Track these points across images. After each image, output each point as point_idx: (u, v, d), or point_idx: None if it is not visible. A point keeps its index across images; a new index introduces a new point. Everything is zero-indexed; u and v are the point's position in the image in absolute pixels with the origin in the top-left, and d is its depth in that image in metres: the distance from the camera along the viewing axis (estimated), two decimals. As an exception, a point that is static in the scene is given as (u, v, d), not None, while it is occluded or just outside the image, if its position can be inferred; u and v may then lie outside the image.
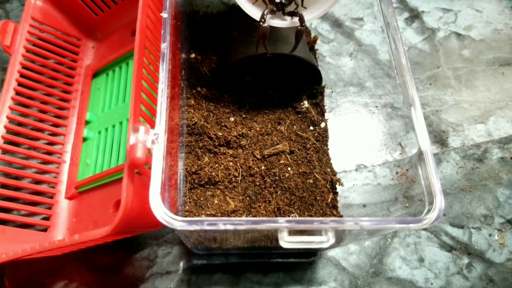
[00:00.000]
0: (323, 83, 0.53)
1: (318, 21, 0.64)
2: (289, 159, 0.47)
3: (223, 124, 0.48)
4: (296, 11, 0.42)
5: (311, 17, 0.44)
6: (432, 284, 0.48)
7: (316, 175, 0.47)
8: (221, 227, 0.29)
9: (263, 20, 0.42)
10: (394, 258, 0.49)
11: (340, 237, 0.38)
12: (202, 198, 0.45)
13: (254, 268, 0.47)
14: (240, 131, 0.48)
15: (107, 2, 0.58)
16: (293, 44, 0.48)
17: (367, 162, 0.54)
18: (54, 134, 0.54)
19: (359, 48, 0.62)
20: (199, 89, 0.51)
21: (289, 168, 0.47)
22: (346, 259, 0.49)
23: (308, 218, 0.30)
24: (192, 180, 0.46)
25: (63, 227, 0.48)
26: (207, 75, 0.52)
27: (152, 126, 0.32)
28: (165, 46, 0.35)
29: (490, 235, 0.51)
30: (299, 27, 0.43)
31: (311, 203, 0.45)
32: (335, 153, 0.50)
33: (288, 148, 0.48)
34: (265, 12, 0.41)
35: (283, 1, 0.42)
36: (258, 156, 0.47)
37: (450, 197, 0.53)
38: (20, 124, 0.51)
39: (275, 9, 0.42)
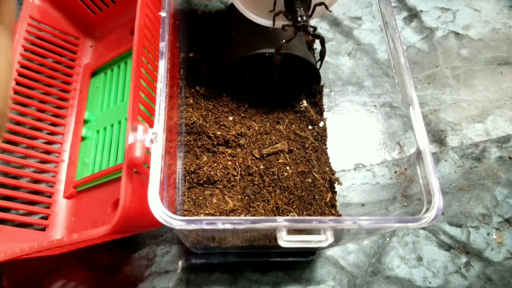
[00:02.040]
0: (322, 82, 0.53)
1: (317, 20, 0.64)
2: (288, 158, 0.47)
3: (221, 123, 0.48)
4: (317, 33, 0.44)
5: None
6: (430, 283, 0.48)
7: (315, 174, 0.47)
8: (220, 226, 0.29)
9: (278, 52, 0.43)
10: (393, 257, 0.49)
11: (339, 236, 0.38)
12: (200, 197, 0.45)
13: (252, 267, 0.47)
14: (238, 130, 0.48)
15: (106, 1, 0.58)
16: (292, 43, 0.48)
17: (365, 161, 0.54)
18: (52, 133, 0.54)
19: (358, 48, 0.62)
20: (197, 88, 0.51)
21: (287, 167, 0.47)
22: (344, 258, 0.49)
23: (307, 217, 0.30)
24: (191, 180, 0.46)
25: (61, 227, 0.48)
26: (206, 74, 0.52)
27: (151, 125, 0.31)
28: (163, 45, 0.35)
29: (488, 234, 0.51)
30: (321, 49, 0.46)
31: (309, 202, 0.45)
32: (334, 152, 0.50)
33: (286, 147, 0.48)
34: (283, 44, 0.43)
35: (304, 19, 0.42)
36: (257, 156, 0.47)
37: (449, 196, 0.53)
38: (18, 123, 0.51)
39: (298, 31, 0.43)
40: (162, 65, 0.34)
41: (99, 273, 0.47)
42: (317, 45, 0.61)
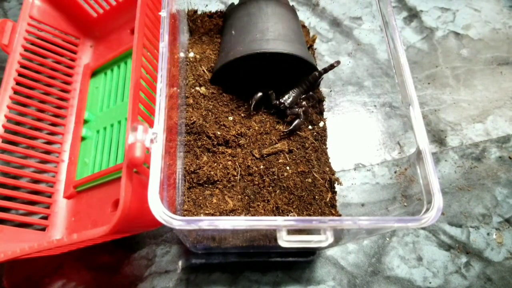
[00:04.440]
0: (322, 83, 0.53)
1: (317, 20, 0.64)
2: (288, 158, 0.47)
3: (221, 123, 0.48)
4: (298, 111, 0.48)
5: None
6: (430, 283, 0.48)
7: (315, 174, 0.47)
8: (220, 226, 0.29)
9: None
10: (393, 257, 0.49)
11: (339, 236, 0.38)
12: (200, 197, 0.45)
13: (252, 267, 0.47)
14: (238, 130, 0.48)
15: (106, 1, 0.58)
16: (292, 43, 0.48)
17: (365, 161, 0.54)
18: (52, 133, 0.54)
19: (358, 48, 0.62)
20: (197, 88, 0.50)
21: (287, 167, 0.47)
22: (344, 258, 0.49)
23: (307, 218, 0.30)
24: (191, 179, 0.46)
25: (61, 227, 0.48)
26: (205, 74, 0.52)
27: (151, 125, 0.31)
28: (163, 45, 0.35)
29: (488, 234, 0.51)
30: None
31: (309, 202, 0.45)
32: (334, 152, 0.50)
33: (286, 147, 0.48)
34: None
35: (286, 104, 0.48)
36: (257, 155, 0.47)
37: (449, 196, 0.53)
38: (18, 123, 0.51)
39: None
40: (162, 65, 0.34)
41: (99, 273, 0.47)
42: (317, 45, 0.61)
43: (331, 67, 0.49)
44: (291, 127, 0.48)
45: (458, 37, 0.66)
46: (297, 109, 0.48)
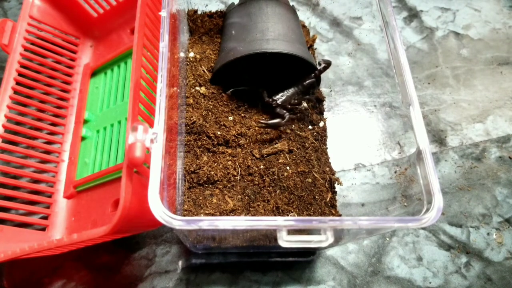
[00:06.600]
0: (322, 83, 0.53)
1: (317, 20, 0.64)
2: (288, 158, 0.47)
3: (222, 123, 0.48)
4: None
5: None
6: (430, 283, 0.48)
7: (315, 174, 0.47)
8: (220, 226, 0.29)
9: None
10: (393, 257, 0.49)
11: (339, 236, 0.38)
12: (201, 197, 0.45)
13: (252, 267, 0.47)
14: (239, 130, 0.48)
15: (106, 1, 0.58)
16: (292, 43, 0.48)
17: (365, 161, 0.54)
18: (52, 133, 0.54)
19: (358, 47, 0.62)
20: (197, 88, 0.50)
21: (287, 167, 0.47)
22: (344, 258, 0.49)
23: (307, 218, 0.30)
24: (191, 179, 0.46)
25: (61, 226, 0.48)
26: (205, 74, 0.52)
27: (151, 125, 0.31)
28: (163, 45, 0.35)
29: (488, 234, 0.51)
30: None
31: (309, 202, 0.45)
32: (334, 152, 0.50)
33: (287, 147, 0.48)
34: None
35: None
36: (257, 155, 0.47)
37: (449, 196, 0.53)
38: (18, 123, 0.51)
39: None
40: (162, 65, 0.34)
41: (99, 272, 0.47)
42: (317, 45, 0.61)
43: (324, 69, 0.50)
44: (269, 122, 0.48)
45: (458, 37, 0.66)
46: (284, 111, 0.48)
